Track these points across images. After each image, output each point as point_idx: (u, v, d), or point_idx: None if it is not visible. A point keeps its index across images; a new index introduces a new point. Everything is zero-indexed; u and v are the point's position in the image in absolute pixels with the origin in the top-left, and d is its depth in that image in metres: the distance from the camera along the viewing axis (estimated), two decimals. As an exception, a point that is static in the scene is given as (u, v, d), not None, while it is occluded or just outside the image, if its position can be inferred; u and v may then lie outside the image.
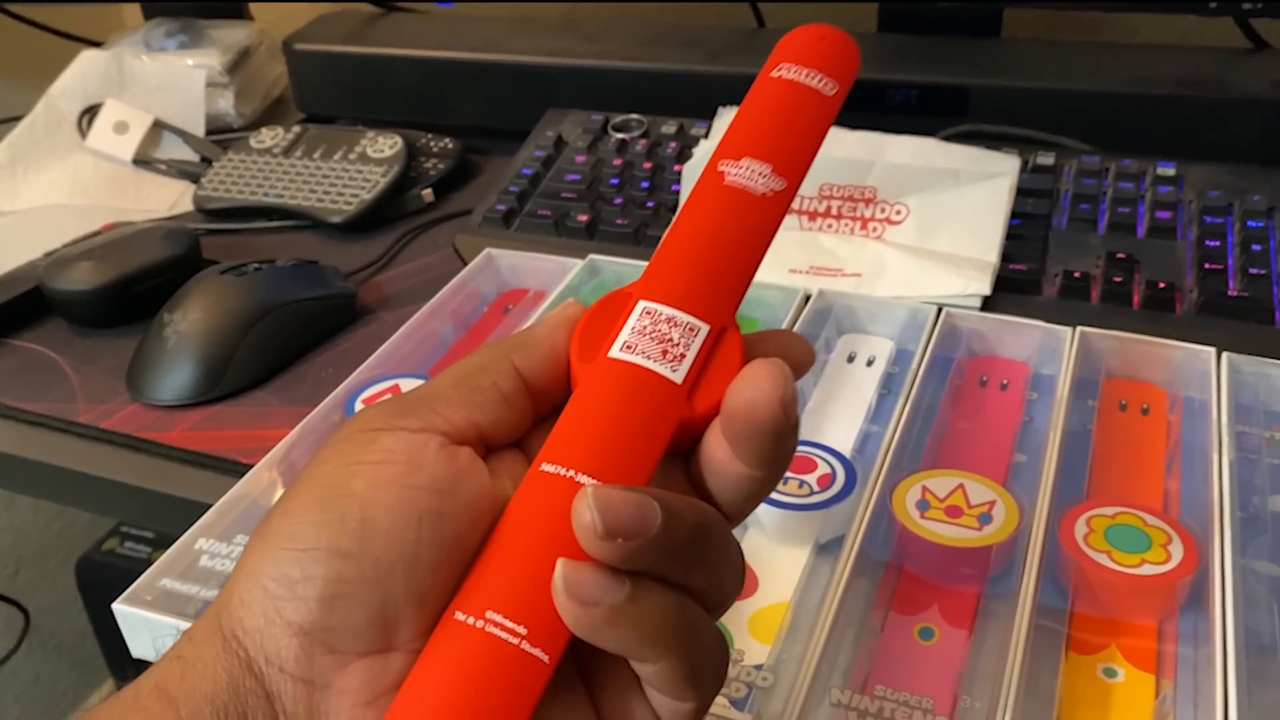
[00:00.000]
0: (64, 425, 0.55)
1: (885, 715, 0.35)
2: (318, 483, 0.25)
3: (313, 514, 0.24)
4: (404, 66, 0.83)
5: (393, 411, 0.26)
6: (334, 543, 0.24)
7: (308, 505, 0.25)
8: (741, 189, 0.30)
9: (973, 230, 0.58)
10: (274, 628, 0.24)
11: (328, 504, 0.24)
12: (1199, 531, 0.41)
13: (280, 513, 0.25)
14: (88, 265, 0.63)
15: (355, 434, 0.26)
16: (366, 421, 0.26)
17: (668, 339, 0.27)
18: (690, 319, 0.28)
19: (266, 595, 0.24)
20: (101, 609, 1.20)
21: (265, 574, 0.24)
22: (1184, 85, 0.68)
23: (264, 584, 0.24)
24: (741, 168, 0.30)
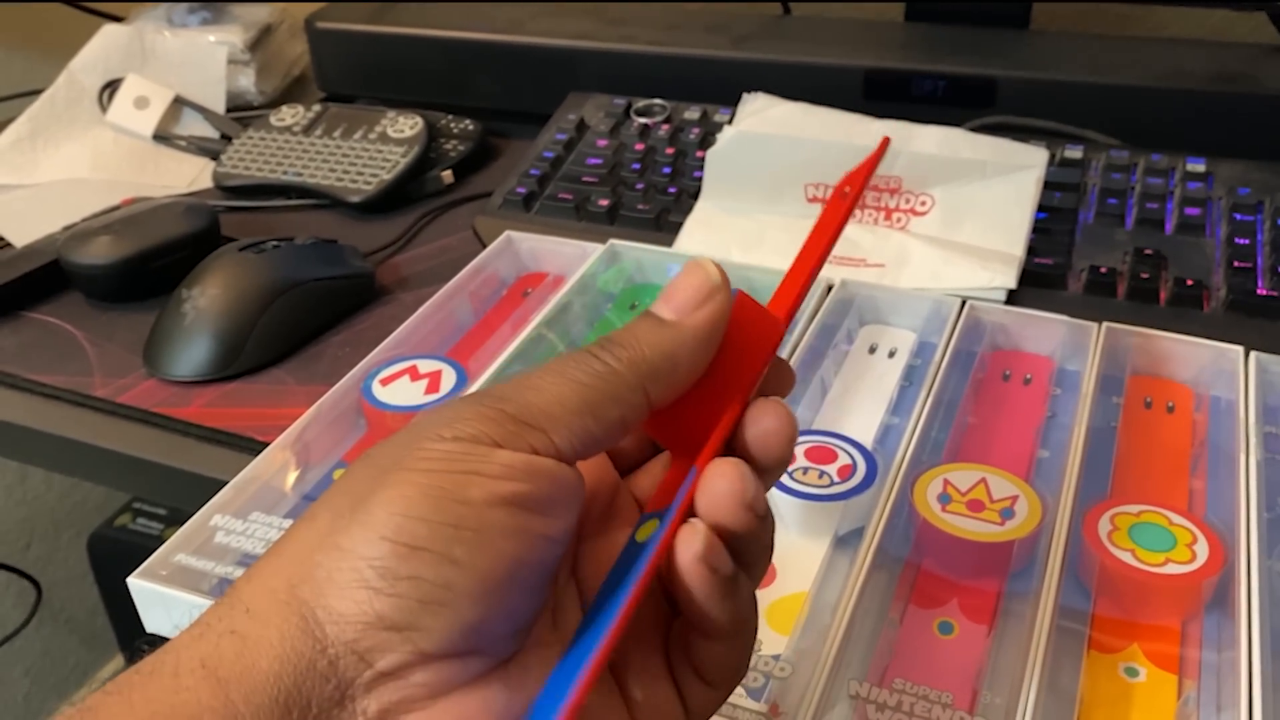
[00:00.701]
0: (80, 399, 0.55)
1: (904, 708, 0.34)
2: (430, 480, 0.24)
3: (426, 512, 0.23)
4: (426, 47, 0.83)
5: (509, 424, 0.25)
6: (447, 548, 0.23)
7: (418, 501, 0.23)
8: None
9: (999, 223, 0.58)
10: (366, 617, 0.23)
11: (443, 507, 0.23)
12: (1225, 531, 0.40)
13: (384, 500, 0.24)
14: (106, 239, 0.63)
15: (469, 440, 0.24)
16: (480, 428, 0.25)
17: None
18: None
19: (363, 583, 0.23)
20: (113, 584, 1.20)
21: (365, 560, 0.23)
22: (1215, 81, 0.67)
23: (362, 571, 0.23)
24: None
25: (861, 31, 0.78)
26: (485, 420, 0.25)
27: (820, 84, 0.71)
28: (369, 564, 0.23)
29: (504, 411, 0.25)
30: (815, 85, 0.69)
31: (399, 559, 0.23)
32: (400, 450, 0.25)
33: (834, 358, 0.53)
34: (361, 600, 0.23)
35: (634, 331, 0.27)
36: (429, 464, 0.24)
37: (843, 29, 0.78)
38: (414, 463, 0.24)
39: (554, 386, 0.26)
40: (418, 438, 0.25)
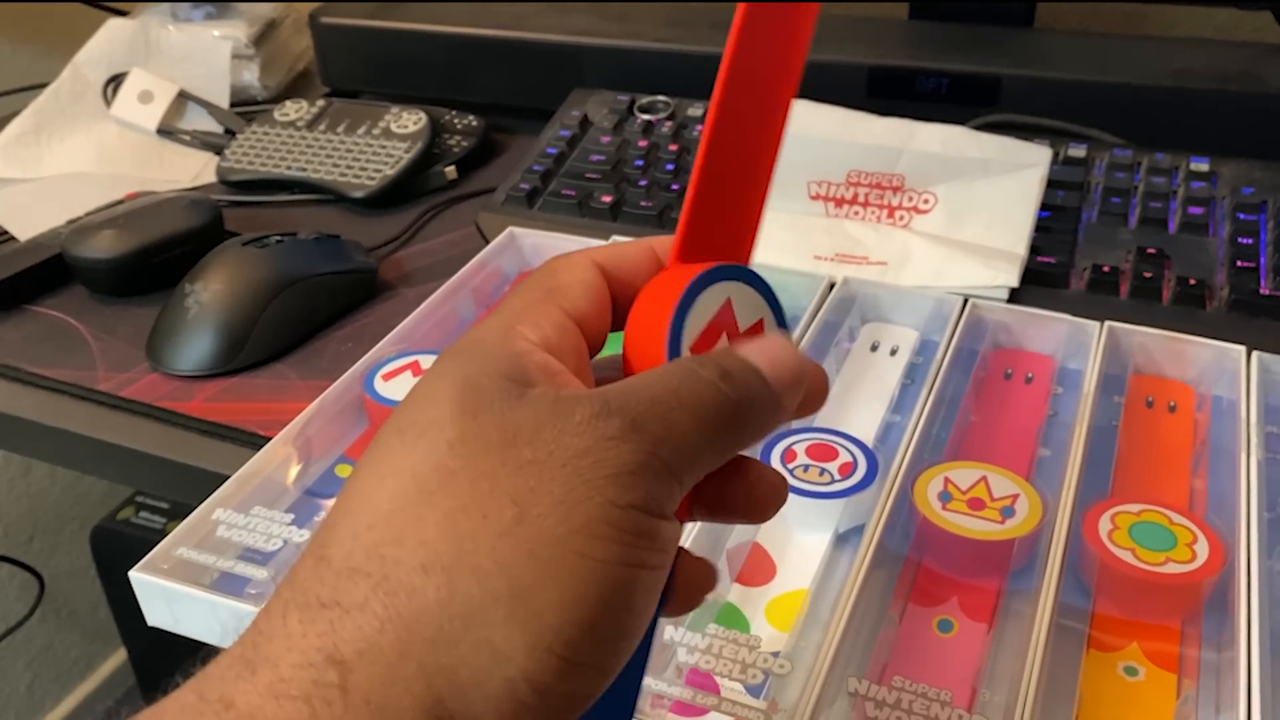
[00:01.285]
0: (83, 393, 0.55)
1: (903, 706, 0.35)
2: (605, 578, 0.21)
3: (599, 625, 0.21)
4: (429, 43, 0.83)
5: (665, 480, 0.22)
6: (604, 662, 0.21)
7: (592, 609, 0.20)
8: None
9: (1001, 221, 0.58)
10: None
11: (616, 619, 0.21)
12: (1225, 531, 0.40)
13: (554, 600, 0.20)
14: (110, 233, 0.63)
15: (641, 511, 0.21)
16: (648, 488, 0.22)
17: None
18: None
19: (513, 696, 0.20)
20: (115, 578, 1.20)
21: (524, 673, 0.20)
22: (1219, 80, 0.67)
23: (517, 685, 0.20)
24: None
25: (865, 29, 0.78)
26: (649, 475, 0.22)
27: (824, 82, 0.71)
28: (526, 678, 0.20)
29: (659, 458, 0.22)
30: (819, 83, 0.69)
31: (560, 676, 0.20)
32: (562, 499, 0.21)
33: (836, 355, 0.53)
34: (507, 715, 0.20)
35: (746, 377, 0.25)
36: (603, 550, 0.21)
37: (846, 27, 0.78)
38: (586, 543, 0.20)
39: (687, 421, 0.23)
40: (584, 484, 0.21)
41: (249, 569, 0.40)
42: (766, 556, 0.42)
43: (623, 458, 0.21)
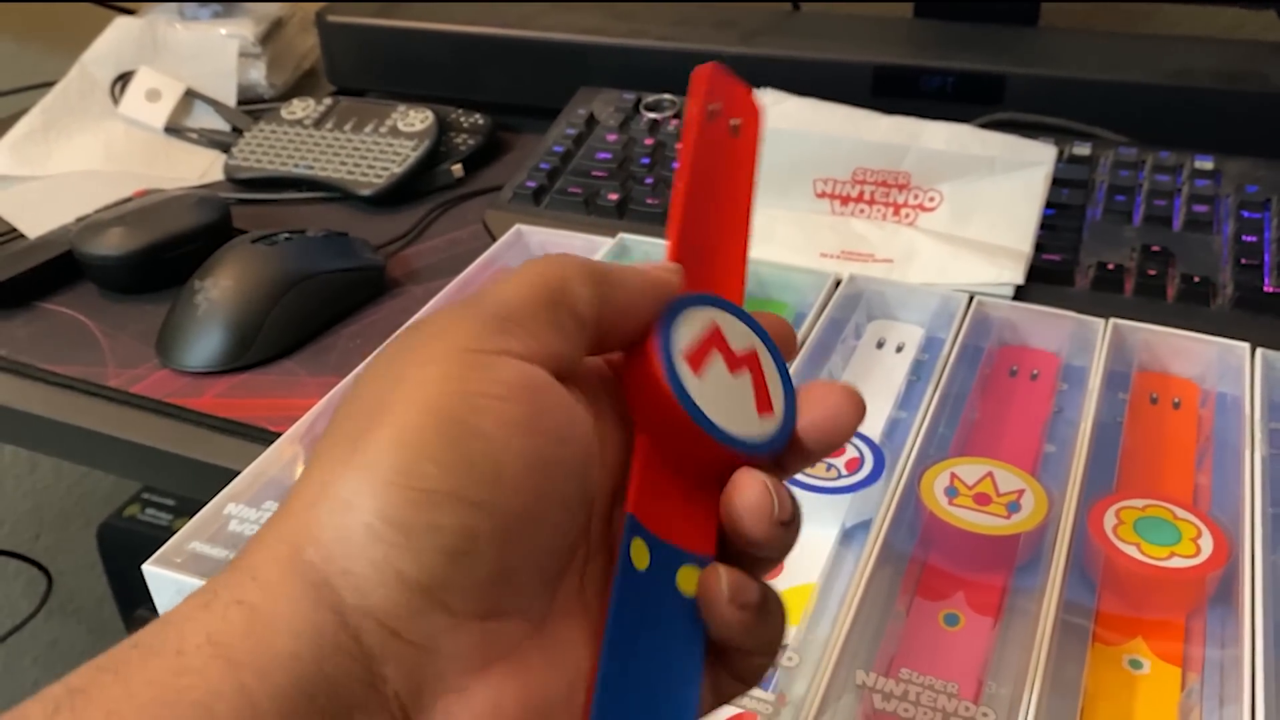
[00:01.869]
0: (94, 389, 0.55)
1: (910, 698, 0.35)
2: (436, 412, 0.21)
3: (438, 451, 0.21)
4: (436, 41, 0.83)
5: (490, 329, 0.23)
6: (465, 490, 0.21)
7: (428, 439, 0.21)
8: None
9: (1007, 219, 0.58)
10: (385, 577, 0.20)
11: (456, 442, 0.21)
12: (1229, 526, 0.40)
13: (384, 437, 0.21)
14: (119, 231, 0.63)
15: (461, 354, 0.22)
16: (467, 338, 0.23)
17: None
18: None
19: (376, 539, 0.20)
20: (121, 574, 1.21)
21: (374, 513, 0.20)
22: (1224, 78, 0.67)
23: (373, 525, 0.20)
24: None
25: (870, 27, 0.78)
26: (471, 325, 0.23)
27: (829, 80, 0.72)
28: (381, 518, 0.20)
29: (480, 309, 0.23)
30: (824, 81, 0.70)
31: (414, 508, 0.20)
32: (394, 367, 0.22)
33: (842, 352, 0.53)
34: (378, 559, 0.20)
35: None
36: (427, 386, 0.22)
37: (852, 25, 0.78)
38: (412, 387, 0.22)
39: (512, 285, 0.24)
40: (409, 348, 0.23)
41: (261, 563, 0.41)
42: (774, 551, 0.42)
43: (448, 318, 0.23)
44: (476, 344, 0.22)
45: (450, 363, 0.22)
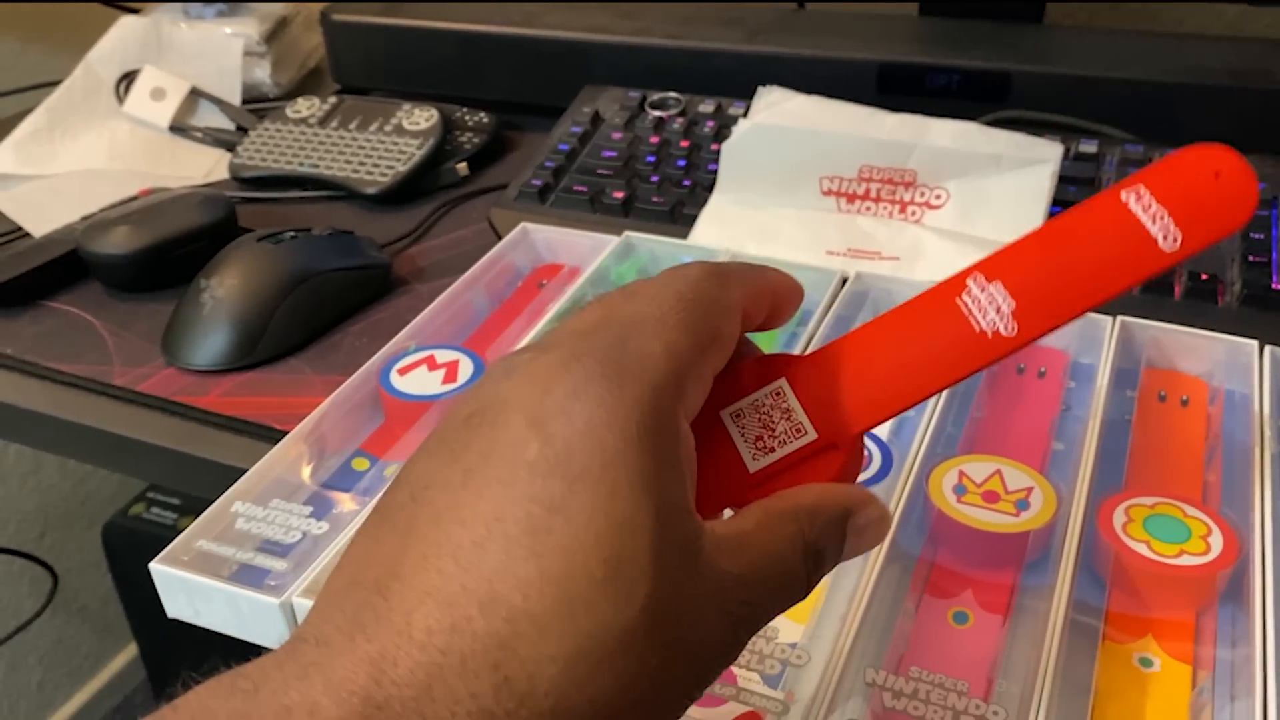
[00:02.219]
0: (100, 387, 0.55)
1: (920, 696, 0.35)
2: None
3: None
4: (441, 39, 0.83)
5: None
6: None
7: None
8: (963, 315, 0.27)
9: (1013, 216, 0.58)
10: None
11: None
12: (1239, 524, 0.40)
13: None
14: (125, 229, 0.63)
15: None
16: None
17: (770, 427, 0.28)
18: (804, 422, 0.28)
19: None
20: (127, 573, 1.21)
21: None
22: (1230, 75, 0.67)
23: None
24: (984, 291, 0.27)
25: (876, 25, 0.78)
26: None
27: (835, 78, 0.72)
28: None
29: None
30: (830, 79, 0.70)
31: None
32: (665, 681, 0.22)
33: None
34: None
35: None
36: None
37: (857, 23, 0.78)
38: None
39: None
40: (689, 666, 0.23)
41: (269, 561, 0.41)
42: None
43: (730, 657, 0.24)
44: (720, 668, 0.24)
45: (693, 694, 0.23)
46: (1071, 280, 0.26)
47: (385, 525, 0.23)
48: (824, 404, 0.28)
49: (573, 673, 0.20)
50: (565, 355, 0.23)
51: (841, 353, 0.28)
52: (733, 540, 0.24)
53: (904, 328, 0.28)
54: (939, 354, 0.27)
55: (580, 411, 0.22)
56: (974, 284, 0.27)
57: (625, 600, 0.21)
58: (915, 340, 0.27)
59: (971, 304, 0.27)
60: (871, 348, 0.28)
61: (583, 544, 0.21)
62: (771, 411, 0.28)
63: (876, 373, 0.27)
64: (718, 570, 0.23)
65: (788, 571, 0.25)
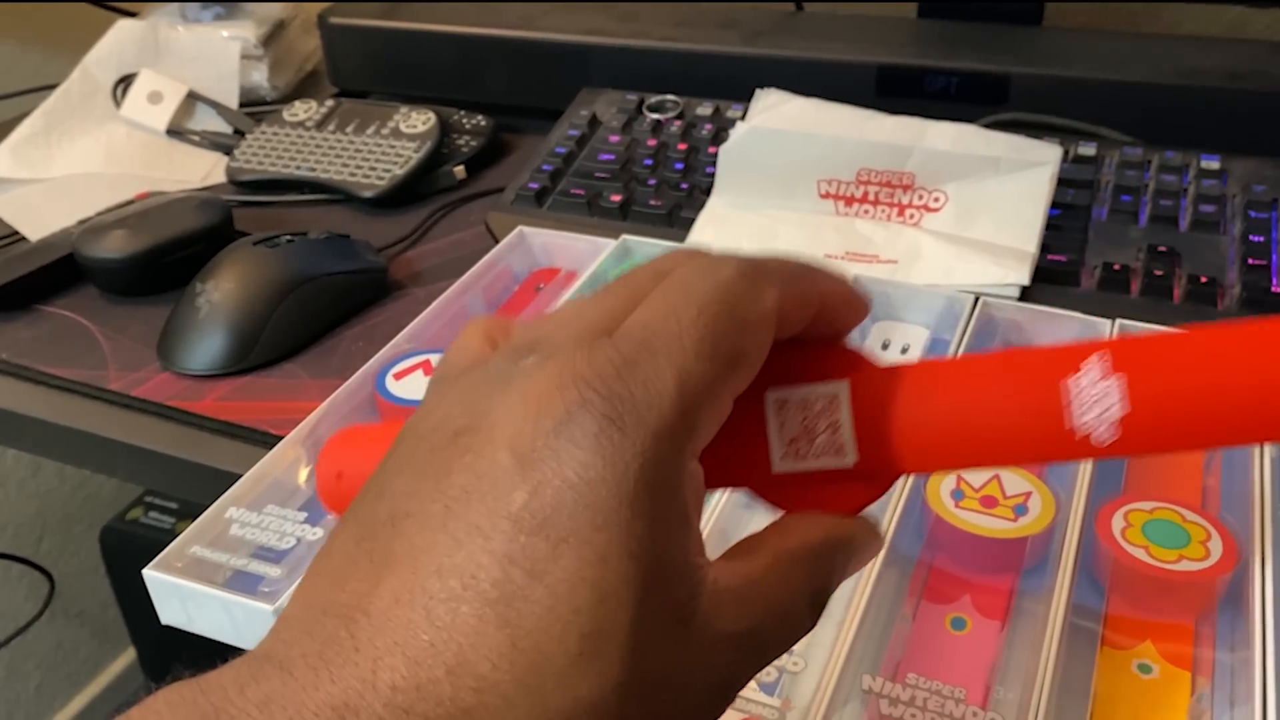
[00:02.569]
0: (95, 392, 0.55)
1: (917, 703, 0.35)
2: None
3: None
4: (438, 42, 0.83)
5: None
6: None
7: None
8: (1061, 402, 0.23)
9: (1012, 219, 0.58)
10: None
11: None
12: (1238, 529, 0.40)
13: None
14: (121, 233, 0.63)
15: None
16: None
17: (810, 436, 0.25)
18: (848, 444, 0.25)
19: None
20: (124, 578, 1.21)
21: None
22: (1230, 77, 0.67)
23: None
24: (1096, 384, 0.23)
25: (874, 28, 0.78)
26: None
27: (833, 80, 0.71)
28: None
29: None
30: (828, 81, 0.69)
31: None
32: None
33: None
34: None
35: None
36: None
37: (855, 25, 0.78)
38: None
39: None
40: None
41: (263, 567, 0.41)
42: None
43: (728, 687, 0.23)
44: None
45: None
46: (1212, 410, 0.22)
47: (362, 544, 0.21)
48: (877, 430, 0.24)
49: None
50: (566, 374, 0.21)
51: (916, 381, 0.25)
52: (738, 594, 0.22)
53: (991, 384, 0.24)
54: (1017, 431, 0.23)
55: (574, 458, 0.20)
56: (1089, 370, 0.23)
57: (601, 676, 0.20)
58: (998, 402, 0.24)
59: (1075, 393, 0.23)
60: (950, 389, 0.24)
61: (560, 616, 0.20)
62: (819, 419, 0.25)
63: (945, 420, 0.24)
64: (713, 633, 0.22)
65: (793, 621, 0.24)
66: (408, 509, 0.21)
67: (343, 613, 0.20)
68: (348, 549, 0.22)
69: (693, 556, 0.21)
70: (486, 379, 0.23)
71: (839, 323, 0.25)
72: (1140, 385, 0.22)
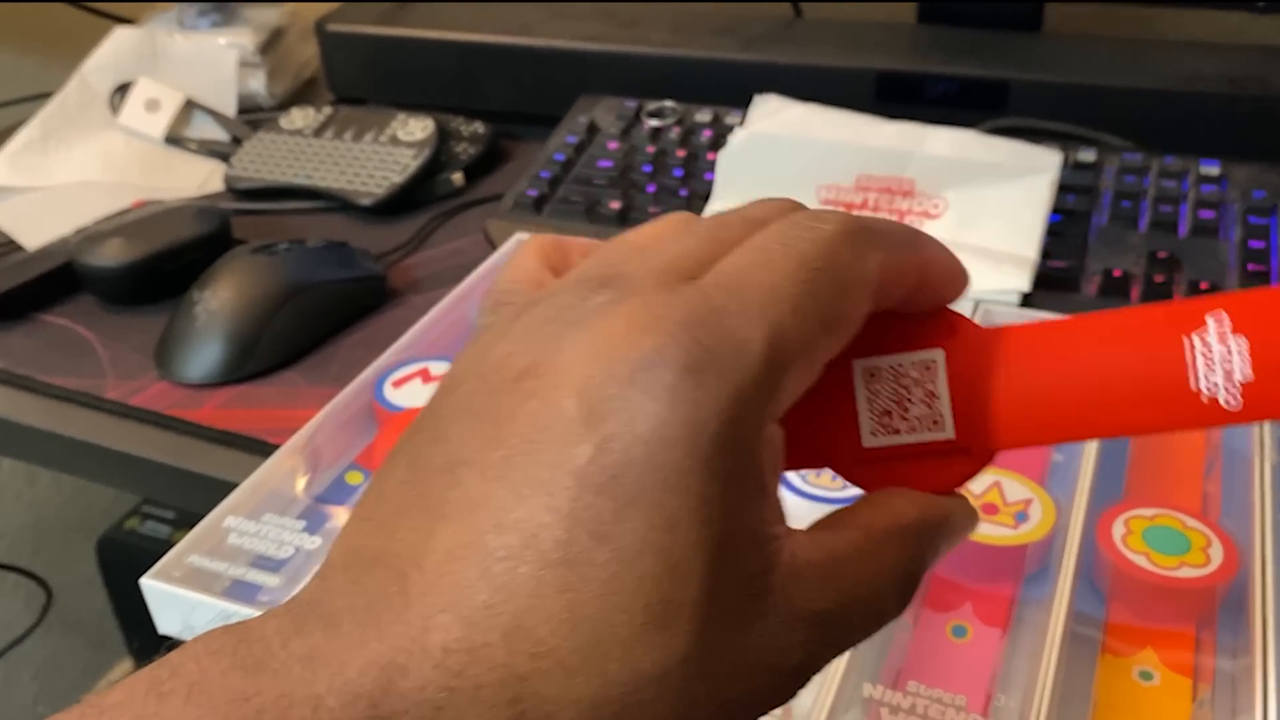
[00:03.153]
0: (92, 401, 0.55)
1: (918, 711, 0.34)
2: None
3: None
4: (436, 49, 0.83)
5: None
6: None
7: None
8: (1184, 360, 0.21)
9: (1012, 225, 0.58)
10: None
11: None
12: (1239, 535, 0.40)
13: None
14: (118, 242, 0.63)
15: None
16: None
17: (904, 406, 0.23)
18: (945, 416, 0.23)
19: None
20: (121, 587, 1.20)
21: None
22: (1229, 83, 0.67)
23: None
24: (1222, 342, 0.21)
25: (873, 33, 0.78)
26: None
27: (832, 86, 0.71)
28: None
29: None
30: (827, 87, 0.69)
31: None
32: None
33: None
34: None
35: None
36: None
37: (854, 31, 0.78)
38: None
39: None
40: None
41: (261, 576, 0.40)
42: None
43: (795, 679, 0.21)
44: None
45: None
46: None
47: (415, 491, 0.20)
48: (977, 401, 0.23)
49: (595, 717, 0.19)
50: (645, 318, 0.19)
51: (1020, 343, 0.23)
52: (820, 569, 0.21)
53: (1105, 342, 0.22)
54: (1135, 394, 0.22)
55: (647, 412, 0.19)
56: (1215, 325, 0.21)
57: (666, 649, 0.19)
58: (1113, 364, 0.22)
59: (1200, 350, 0.21)
60: (1058, 351, 0.22)
61: (626, 583, 0.18)
62: (913, 389, 0.23)
63: (1053, 386, 0.22)
64: (790, 610, 0.20)
65: (880, 604, 0.22)
66: (465, 456, 0.20)
67: (394, 564, 0.19)
68: (400, 495, 0.20)
69: (770, 526, 0.20)
70: (553, 315, 0.21)
71: (939, 295, 0.24)
72: (1264, 343, 0.21)
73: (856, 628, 0.22)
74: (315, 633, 0.19)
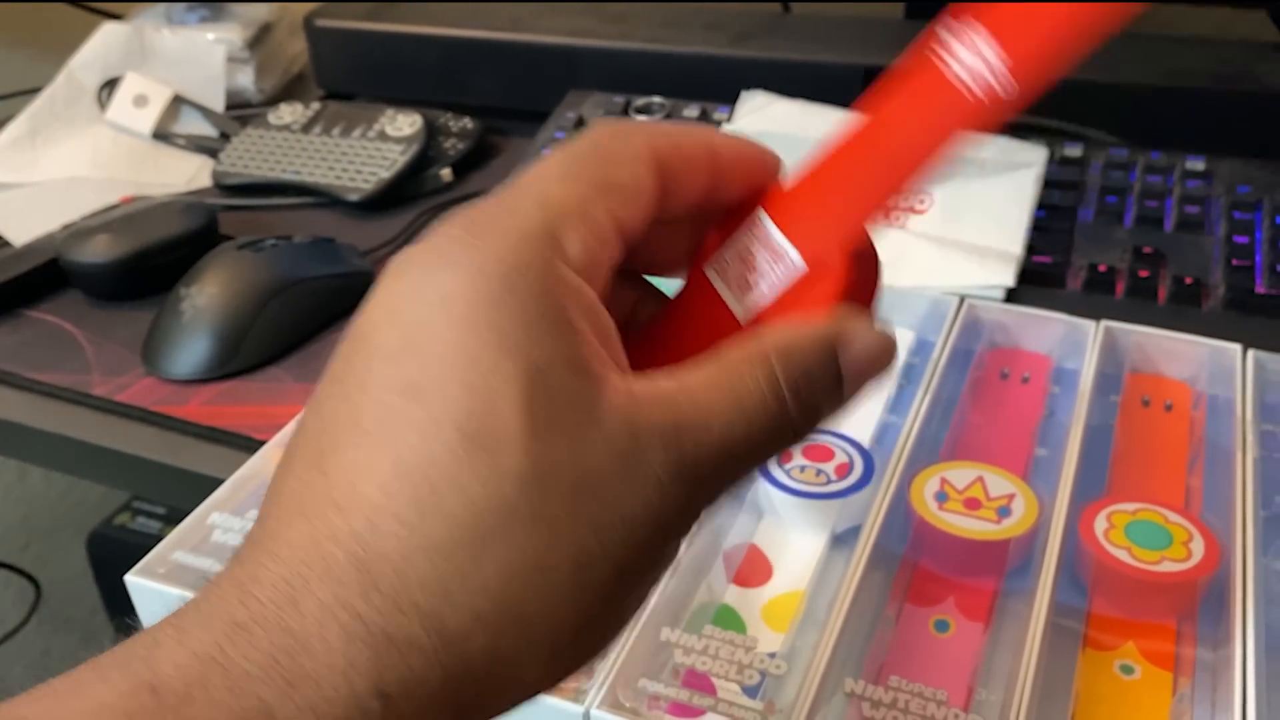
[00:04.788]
0: (79, 397, 0.55)
1: (899, 706, 0.34)
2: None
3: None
4: (425, 45, 0.83)
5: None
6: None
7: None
8: (939, 71, 0.23)
9: (998, 221, 0.58)
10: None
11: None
12: (1221, 530, 0.40)
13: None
14: (105, 238, 0.63)
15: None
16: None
17: (751, 264, 0.24)
18: (785, 247, 0.24)
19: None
20: (112, 583, 1.20)
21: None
22: (1215, 79, 0.67)
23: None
24: (969, 48, 0.23)
25: (861, 29, 0.78)
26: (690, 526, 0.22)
27: (820, 82, 0.71)
28: (539, 689, 0.22)
29: (702, 510, 0.23)
30: (815, 83, 0.69)
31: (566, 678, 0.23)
32: (618, 566, 0.21)
33: (832, 356, 0.53)
34: (511, 709, 0.22)
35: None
36: (639, 598, 0.23)
37: (842, 27, 0.78)
38: (631, 600, 0.23)
39: (743, 469, 0.23)
40: (642, 555, 0.22)
41: (244, 572, 0.40)
42: (763, 558, 0.42)
43: (677, 525, 0.22)
44: (672, 554, 0.23)
45: (656, 569, 0.23)
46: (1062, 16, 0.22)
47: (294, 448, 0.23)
48: (807, 222, 0.24)
49: (450, 562, 0.19)
50: (435, 236, 0.22)
51: (824, 163, 0.25)
52: (665, 393, 0.21)
53: (881, 111, 0.24)
54: (917, 117, 0.23)
55: (434, 283, 0.21)
56: (952, 39, 0.23)
57: (491, 470, 0.19)
58: (892, 114, 0.24)
59: (949, 55, 0.23)
60: (853, 148, 0.24)
61: (439, 423, 0.19)
62: (751, 246, 0.24)
63: (859, 172, 0.24)
64: (634, 426, 0.21)
65: (758, 420, 0.22)
66: (320, 397, 0.22)
67: (264, 510, 0.22)
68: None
69: (590, 361, 0.21)
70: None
71: (746, 180, 0.26)
72: (998, 29, 0.22)
73: (731, 452, 0.22)
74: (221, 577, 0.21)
